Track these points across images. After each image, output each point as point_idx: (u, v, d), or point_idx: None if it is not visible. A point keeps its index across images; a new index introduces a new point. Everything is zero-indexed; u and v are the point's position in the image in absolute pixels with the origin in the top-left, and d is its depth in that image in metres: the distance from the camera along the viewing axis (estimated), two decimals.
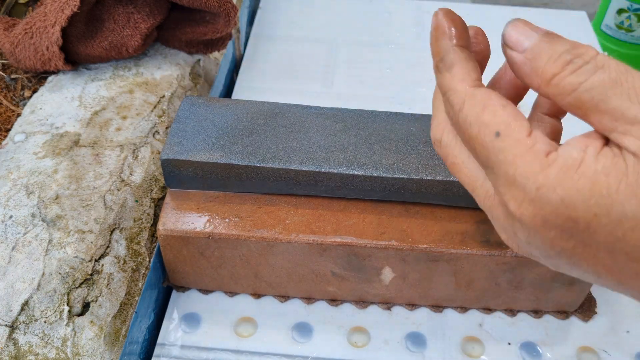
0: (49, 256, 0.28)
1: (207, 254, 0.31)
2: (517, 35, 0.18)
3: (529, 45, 0.17)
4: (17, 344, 0.26)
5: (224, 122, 0.32)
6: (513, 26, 0.18)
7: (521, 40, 0.18)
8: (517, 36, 0.18)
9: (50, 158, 0.32)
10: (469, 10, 0.56)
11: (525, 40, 0.18)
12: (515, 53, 0.18)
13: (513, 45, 0.18)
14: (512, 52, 0.18)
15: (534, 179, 0.16)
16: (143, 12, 0.38)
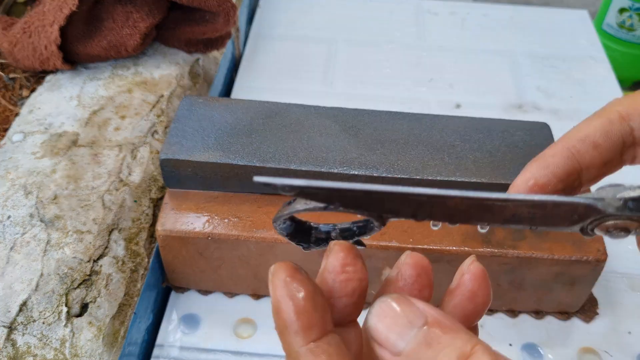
0: (47, 257, 0.28)
1: (207, 254, 0.30)
2: (386, 332, 0.13)
3: (405, 350, 0.13)
4: (16, 345, 0.26)
5: (223, 121, 0.31)
6: (380, 316, 0.13)
7: (393, 340, 0.13)
8: (386, 333, 0.13)
9: (49, 158, 0.32)
10: (469, 9, 0.56)
11: (398, 341, 0.13)
12: (388, 355, 0.13)
13: (383, 344, 0.13)
14: (382, 352, 0.13)
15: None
16: (142, 11, 0.38)
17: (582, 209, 0.13)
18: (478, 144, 0.31)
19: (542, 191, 0.15)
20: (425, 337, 0.12)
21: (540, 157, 0.15)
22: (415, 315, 0.13)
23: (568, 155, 0.15)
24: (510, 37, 0.53)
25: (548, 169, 0.15)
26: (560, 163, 0.15)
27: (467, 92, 0.47)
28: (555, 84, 0.48)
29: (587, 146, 0.15)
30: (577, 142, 0.15)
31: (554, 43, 0.53)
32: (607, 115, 0.15)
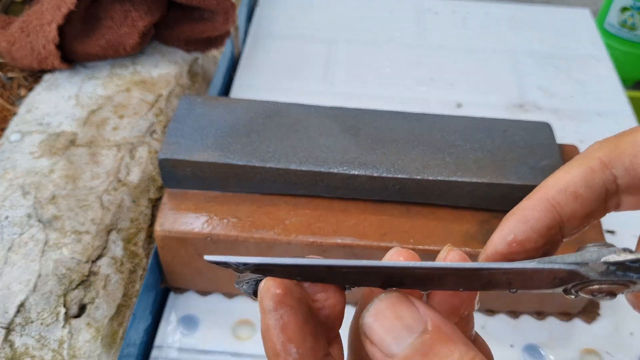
0: (45, 257, 0.28)
1: (205, 255, 0.30)
2: (382, 334, 0.12)
3: (399, 355, 0.12)
4: (13, 346, 0.26)
5: (223, 121, 0.31)
6: (377, 315, 0.12)
7: (387, 343, 0.12)
8: (382, 335, 0.12)
9: (47, 158, 0.32)
10: (470, 8, 0.56)
11: (393, 344, 0.12)
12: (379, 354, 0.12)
13: (377, 344, 0.12)
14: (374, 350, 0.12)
15: None
16: (141, 9, 0.37)
17: (563, 274, 0.13)
18: (479, 144, 0.30)
19: (522, 248, 0.14)
20: (423, 345, 0.12)
21: (518, 211, 0.14)
22: (414, 319, 0.12)
23: (547, 207, 0.14)
24: (511, 36, 0.53)
25: (527, 224, 0.14)
26: (540, 217, 0.14)
27: (468, 92, 0.47)
28: (557, 83, 0.48)
29: (568, 197, 0.14)
30: (556, 193, 0.14)
31: (556, 42, 0.52)
32: (588, 163, 0.14)
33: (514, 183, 0.29)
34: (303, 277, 0.14)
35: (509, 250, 0.14)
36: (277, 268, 0.13)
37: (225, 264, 0.13)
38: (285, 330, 0.13)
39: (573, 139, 0.43)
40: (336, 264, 0.13)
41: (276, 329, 0.13)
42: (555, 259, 0.13)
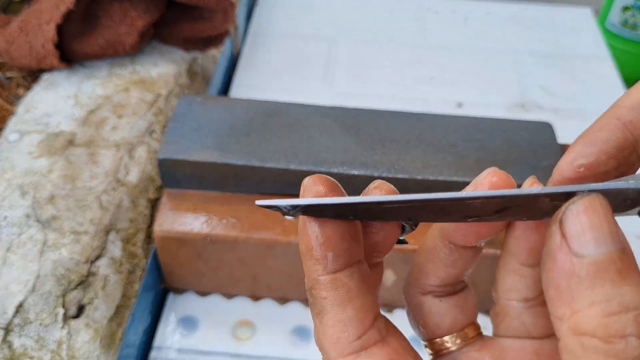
0: (44, 257, 0.28)
1: (205, 255, 0.30)
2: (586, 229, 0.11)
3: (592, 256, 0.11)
4: (12, 346, 0.26)
5: (222, 121, 0.31)
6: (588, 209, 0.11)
7: (586, 240, 0.11)
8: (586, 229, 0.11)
9: (45, 158, 0.32)
10: (471, 7, 0.56)
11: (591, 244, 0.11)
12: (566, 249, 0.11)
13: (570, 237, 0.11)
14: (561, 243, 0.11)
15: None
16: (139, 8, 0.37)
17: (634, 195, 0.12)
18: (480, 144, 0.30)
19: (591, 172, 0.13)
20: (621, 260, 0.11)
21: (586, 133, 0.13)
22: (618, 235, 0.11)
23: (618, 126, 0.13)
24: (512, 35, 0.53)
25: (596, 146, 0.13)
26: (610, 137, 0.13)
27: (469, 91, 0.47)
28: (558, 82, 0.48)
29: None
30: (628, 110, 0.13)
31: (557, 41, 0.52)
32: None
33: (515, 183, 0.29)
34: (356, 216, 0.13)
35: (577, 175, 0.13)
36: (328, 208, 0.12)
37: (275, 207, 0.13)
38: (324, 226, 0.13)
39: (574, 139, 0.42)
40: (388, 199, 0.12)
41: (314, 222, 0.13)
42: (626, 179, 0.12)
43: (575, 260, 0.11)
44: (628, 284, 0.11)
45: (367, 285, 0.13)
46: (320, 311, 0.13)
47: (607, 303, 0.10)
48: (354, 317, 0.13)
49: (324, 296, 0.13)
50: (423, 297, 0.15)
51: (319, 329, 0.13)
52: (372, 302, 0.13)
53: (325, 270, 0.13)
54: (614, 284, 0.11)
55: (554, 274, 0.11)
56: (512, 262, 0.14)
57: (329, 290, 0.13)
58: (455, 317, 0.15)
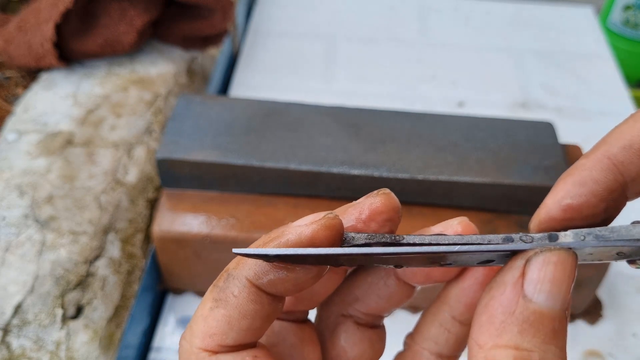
0: (42, 258, 0.27)
1: (204, 256, 0.30)
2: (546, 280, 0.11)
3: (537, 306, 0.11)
4: (10, 347, 0.26)
5: (221, 120, 0.31)
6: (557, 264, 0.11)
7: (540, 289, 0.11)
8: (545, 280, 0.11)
9: (44, 158, 0.32)
10: (472, 6, 0.55)
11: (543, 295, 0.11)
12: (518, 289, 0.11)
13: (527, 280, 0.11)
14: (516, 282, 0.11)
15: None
16: (138, 7, 0.37)
17: (627, 250, 0.12)
18: (481, 143, 0.30)
19: (579, 214, 0.12)
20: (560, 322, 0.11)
21: (575, 171, 0.12)
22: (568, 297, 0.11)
23: (609, 167, 0.12)
24: (514, 34, 0.52)
25: (585, 187, 0.12)
26: (600, 178, 0.12)
27: (470, 90, 0.47)
28: (560, 81, 0.48)
29: (633, 155, 0.12)
30: (619, 150, 0.12)
31: (559, 40, 0.52)
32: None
33: (516, 183, 0.28)
34: (337, 264, 0.13)
35: (564, 217, 0.12)
36: (310, 258, 0.12)
37: (255, 256, 0.12)
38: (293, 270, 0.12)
39: (576, 138, 0.42)
40: (374, 252, 0.12)
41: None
42: (619, 230, 0.12)
43: (522, 301, 0.11)
44: (555, 345, 0.11)
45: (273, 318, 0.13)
46: (219, 300, 0.12)
47: (528, 353, 0.11)
48: (242, 331, 0.12)
49: (235, 295, 0.12)
50: (342, 318, 0.15)
51: (205, 312, 0.12)
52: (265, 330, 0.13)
53: (258, 280, 0.12)
54: (544, 340, 0.11)
55: (495, 303, 0.11)
56: (443, 313, 0.14)
57: (244, 297, 0.12)
58: (363, 351, 0.15)
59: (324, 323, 0.15)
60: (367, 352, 0.15)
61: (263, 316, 0.12)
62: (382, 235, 0.13)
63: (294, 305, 0.14)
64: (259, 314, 0.12)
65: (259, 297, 0.12)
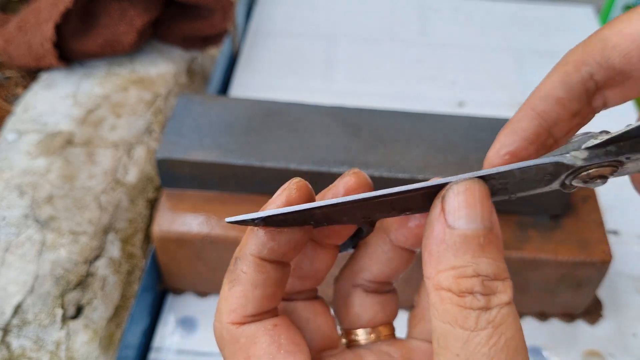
0: (42, 258, 0.27)
1: (204, 256, 0.30)
2: (461, 206, 0.13)
3: (461, 230, 0.13)
4: (10, 347, 0.26)
5: (221, 120, 0.31)
6: (466, 190, 0.13)
7: (459, 215, 0.13)
8: (460, 207, 0.13)
9: (44, 157, 0.32)
10: (473, 6, 0.55)
11: (463, 219, 0.13)
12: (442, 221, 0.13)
13: (447, 211, 0.13)
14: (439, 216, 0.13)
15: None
16: (138, 7, 0.37)
17: (550, 168, 0.13)
18: (481, 144, 0.30)
19: (516, 158, 0.15)
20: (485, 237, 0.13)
21: (507, 125, 0.15)
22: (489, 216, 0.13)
23: (533, 116, 0.15)
24: (514, 33, 0.52)
25: (517, 135, 0.15)
26: (528, 126, 0.15)
27: (471, 90, 0.47)
28: None
29: (550, 103, 0.14)
30: (539, 101, 0.15)
31: (559, 40, 0.52)
32: (563, 68, 0.14)
33: None
34: (316, 221, 0.14)
35: (504, 162, 0.15)
36: (289, 217, 0.14)
37: (243, 222, 0.14)
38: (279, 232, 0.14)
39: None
40: (338, 202, 0.14)
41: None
42: (540, 158, 0.13)
43: (447, 230, 0.13)
44: (485, 257, 0.13)
45: (283, 284, 0.15)
46: (234, 279, 0.15)
47: (463, 269, 0.13)
48: (259, 297, 0.15)
49: (245, 271, 0.15)
50: (352, 288, 0.17)
51: (225, 293, 0.15)
52: (279, 296, 0.15)
53: (260, 252, 0.14)
54: (474, 255, 0.13)
55: (429, 240, 0.13)
56: None
57: (252, 270, 0.14)
58: (375, 314, 0.17)
59: (339, 294, 0.17)
60: (379, 314, 0.17)
61: (273, 283, 0.15)
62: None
63: (302, 284, 0.16)
64: (268, 281, 0.15)
65: (264, 267, 0.14)
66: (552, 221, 0.30)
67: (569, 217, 0.30)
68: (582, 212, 0.30)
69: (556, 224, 0.30)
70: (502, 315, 0.12)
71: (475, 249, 0.13)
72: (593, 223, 0.30)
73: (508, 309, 0.12)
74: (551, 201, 0.29)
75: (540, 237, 0.29)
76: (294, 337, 0.15)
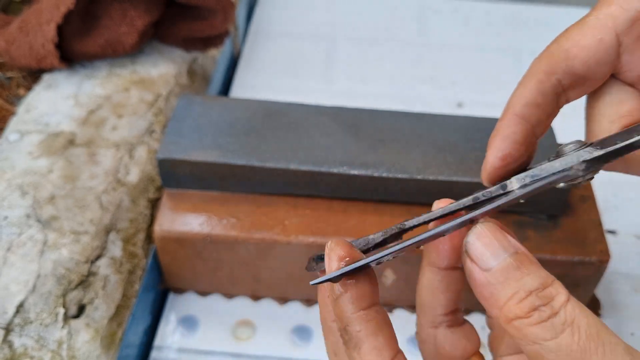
0: (44, 257, 0.28)
1: (205, 255, 0.30)
2: (483, 249, 0.15)
3: (495, 267, 0.15)
4: (12, 346, 0.26)
5: (222, 120, 0.31)
6: (479, 235, 0.15)
7: (486, 257, 0.15)
8: (483, 250, 0.15)
9: (45, 158, 0.32)
10: (472, 7, 0.56)
11: (491, 259, 0.15)
12: (477, 269, 0.15)
13: (475, 259, 0.15)
14: (472, 266, 0.15)
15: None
16: (139, 8, 0.37)
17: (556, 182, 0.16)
18: (480, 144, 0.30)
19: (512, 158, 0.17)
20: (515, 261, 0.15)
21: (498, 132, 0.18)
22: (508, 242, 0.15)
23: (519, 121, 0.18)
24: (513, 35, 0.53)
25: (509, 139, 0.17)
26: (517, 130, 0.17)
27: (470, 91, 0.47)
28: None
29: (531, 109, 0.17)
30: (522, 107, 0.18)
31: None
32: (537, 77, 0.17)
33: None
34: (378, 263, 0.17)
35: (504, 163, 0.17)
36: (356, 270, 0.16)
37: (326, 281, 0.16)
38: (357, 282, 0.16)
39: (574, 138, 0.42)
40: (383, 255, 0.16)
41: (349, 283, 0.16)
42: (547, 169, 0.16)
43: (486, 274, 0.15)
44: (526, 275, 0.14)
45: (388, 321, 0.17)
46: (356, 344, 0.16)
47: (516, 295, 0.14)
48: (385, 344, 0.16)
49: (358, 329, 0.16)
50: (436, 330, 0.18)
51: (356, 357, 0.16)
52: (394, 335, 0.16)
53: (357, 308, 0.16)
54: (516, 279, 0.14)
55: (478, 289, 0.15)
56: None
57: (362, 323, 0.16)
58: (465, 346, 0.18)
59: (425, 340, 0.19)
60: (467, 346, 0.19)
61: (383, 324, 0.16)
62: (391, 228, 0.18)
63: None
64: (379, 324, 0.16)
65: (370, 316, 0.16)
66: (550, 221, 0.30)
67: (567, 216, 0.30)
68: (581, 212, 0.31)
69: (554, 223, 0.30)
70: (569, 312, 0.14)
71: (514, 274, 0.14)
72: (591, 223, 0.30)
73: (570, 304, 0.14)
74: (549, 201, 0.29)
75: (538, 237, 0.29)
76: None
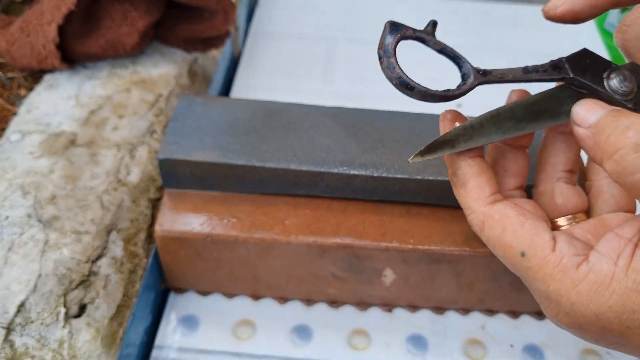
0: (45, 257, 0.28)
1: (205, 255, 0.30)
2: (584, 112, 0.18)
3: (594, 120, 0.18)
4: (13, 346, 0.26)
5: (222, 121, 0.31)
6: (581, 104, 0.19)
7: (587, 117, 0.18)
8: (584, 113, 0.18)
9: (47, 158, 0.32)
10: (471, 8, 0.56)
11: (591, 116, 0.18)
12: (581, 129, 0.18)
13: (579, 122, 0.18)
14: (578, 129, 0.18)
15: (567, 296, 0.17)
16: (140, 9, 0.37)
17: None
18: None
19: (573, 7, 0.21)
20: (612, 112, 0.18)
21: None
22: (604, 106, 0.18)
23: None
24: (512, 35, 0.53)
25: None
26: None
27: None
28: None
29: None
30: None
31: (556, 42, 0.52)
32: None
33: None
34: None
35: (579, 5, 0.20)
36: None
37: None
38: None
39: None
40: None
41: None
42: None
43: (590, 130, 0.18)
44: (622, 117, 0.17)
45: (489, 168, 0.21)
46: (464, 182, 0.21)
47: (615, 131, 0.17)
48: (486, 182, 0.20)
49: (465, 172, 0.21)
50: (554, 184, 0.22)
51: (464, 194, 0.21)
52: (494, 177, 0.21)
53: (465, 157, 0.21)
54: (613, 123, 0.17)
55: (583, 144, 0.18)
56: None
57: (469, 167, 0.21)
58: (576, 202, 0.22)
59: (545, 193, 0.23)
60: (579, 202, 0.22)
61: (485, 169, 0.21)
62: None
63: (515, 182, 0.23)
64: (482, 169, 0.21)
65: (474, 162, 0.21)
66: None
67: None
68: None
69: None
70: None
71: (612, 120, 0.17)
72: None
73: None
74: None
75: None
76: (534, 208, 0.21)
